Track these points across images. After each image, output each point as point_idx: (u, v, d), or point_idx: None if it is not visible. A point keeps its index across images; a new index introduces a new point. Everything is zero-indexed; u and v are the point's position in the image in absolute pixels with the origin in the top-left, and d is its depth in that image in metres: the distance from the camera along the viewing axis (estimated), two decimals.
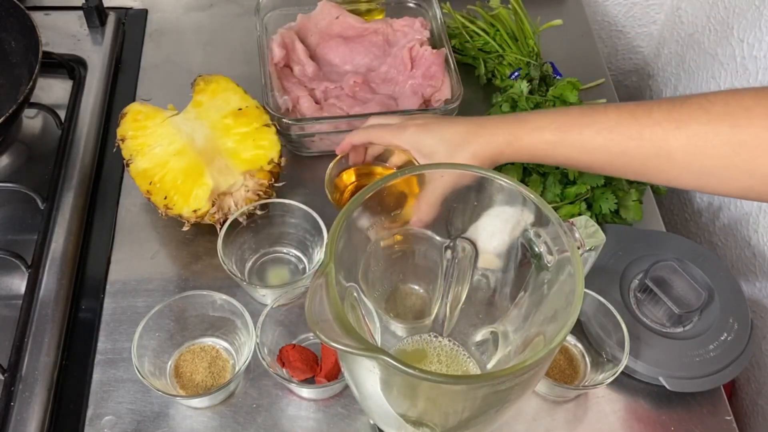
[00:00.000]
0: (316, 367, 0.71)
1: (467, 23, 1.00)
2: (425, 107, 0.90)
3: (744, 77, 0.94)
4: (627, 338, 0.69)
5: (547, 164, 0.79)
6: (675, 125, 0.61)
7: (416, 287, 0.69)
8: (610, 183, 0.83)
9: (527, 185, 0.67)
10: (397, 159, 0.78)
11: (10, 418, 0.68)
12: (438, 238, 0.63)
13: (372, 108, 0.87)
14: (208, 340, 0.74)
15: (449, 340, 0.67)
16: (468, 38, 1.00)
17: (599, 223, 0.82)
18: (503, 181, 0.57)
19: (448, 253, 0.64)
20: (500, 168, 0.84)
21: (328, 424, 0.70)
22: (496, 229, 0.61)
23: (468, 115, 0.91)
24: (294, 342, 0.72)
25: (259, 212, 0.78)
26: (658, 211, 0.89)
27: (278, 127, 0.83)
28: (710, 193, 0.69)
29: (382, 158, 0.79)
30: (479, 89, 0.99)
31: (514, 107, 0.90)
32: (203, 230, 0.81)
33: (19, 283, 0.78)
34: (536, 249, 0.57)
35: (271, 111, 0.83)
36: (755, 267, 0.90)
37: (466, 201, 0.60)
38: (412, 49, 0.93)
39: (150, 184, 0.77)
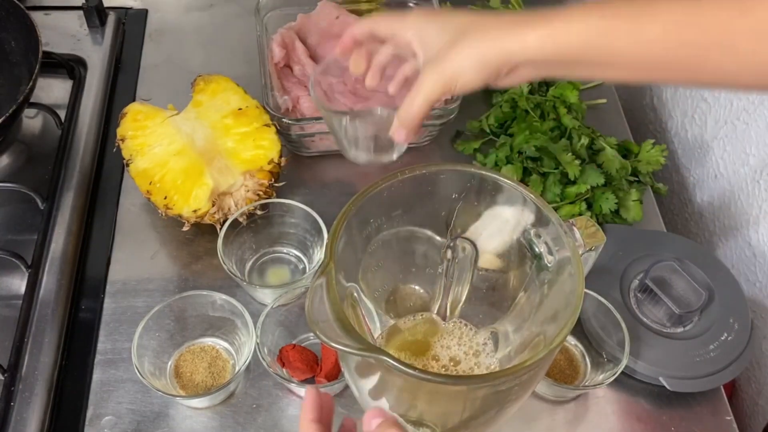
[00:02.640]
0: (316, 367, 0.71)
1: None
2: None
3: None
4: (627, 338, 0.69)
5: (577, 71, 0.59)
6: (740, 11, 0.53)
7: (416, 287, 0.69)
8: (610, 183, 0.83)
9: (527, 185, 0.67)
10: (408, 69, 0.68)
11: (10, 418, 0.68)
12: (438, 238, 0.63)
13: (372, 106, 0.87)
14: (208, 340, 0.74)
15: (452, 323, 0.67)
16: None
17: (599, 223, 0.81)
18: (503, 181, 0.57)
19: (448, 253, 0.64)
20: (500, 168, 0.84)
21: None
22: (496, 229, 0.61)
23: (468, 114, 0.91)
24: (294, 342, 0.72)
25: (259, 212, 0.78)
26: (658, 211, 0.89)
27: (278, 127, 0.83)
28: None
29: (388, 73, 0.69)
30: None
31: (515, 107, 0.90)
32: (203, 230, 0.81)
33: (19, 283, 0.78)
34: (536, 249, 0.57)
35: (271, 111, 0.83)
36: (755, 267, 0.90)
37: (466, 201, 0.60)
38: None
39: (150, 184, 0.77)
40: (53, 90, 0.95)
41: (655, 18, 0.55)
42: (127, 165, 0.79)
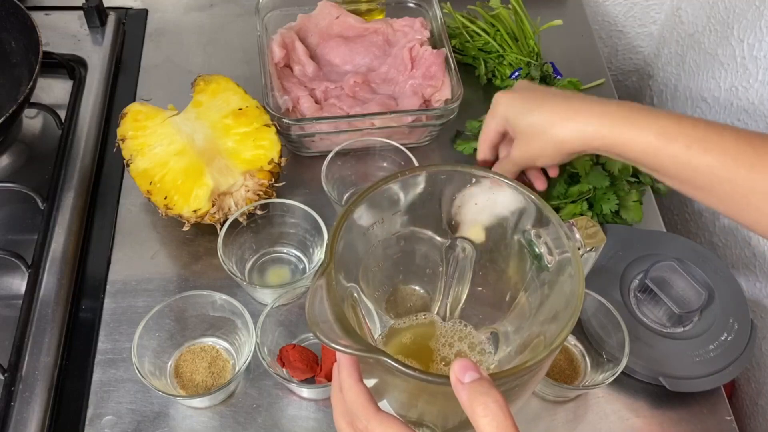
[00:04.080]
0: (316, 367, 0.71)
1: (467, 23, 0.99)
2: (425, 107, 0.90)
3: (744, 77, 0.94)
4: (627, 338, 0.69)
5: (635, 165, 0.68)
6: None
7: (416, 288, 0.69)
8: (613, 184, 0.83)
9: None
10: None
11: (10, 418, 0.68)
12: (438, 238, 0.63)
13: (372, 108, 0.87)
14: (208, 340, 0.74)
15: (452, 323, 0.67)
16: (468, 38, 1.00)
17: (600, 224, 0.81)
18: (504, 181, 0.57)
19: (449, 253, 0.64)
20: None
21: (328, 424, 0.70)
22: (489, 203, 0.60)
23: (468, 114, 0.91)
24: (294, 342, 0.73)
25: (259, 212, 0.78)
26: (658, 211, 0.89)
27: (278, 127, 0.83)
28: None
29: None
30: (479, 89, 0.99)
31: None
32: (203, 230, 0.81)
33: (19, 283, 0.78)
34: (537, 249, 0.57)
35: (271, 111, 0.83)
36: (755, 267, 0.90)
37: (466, 201, 0.60)
38: (412, 49, 0.93)
39: (150, 184, 0.77)
40: (53, 90, 0.95)
41: (708, 149, 0.60)
42: (128, 165, 0.79)
